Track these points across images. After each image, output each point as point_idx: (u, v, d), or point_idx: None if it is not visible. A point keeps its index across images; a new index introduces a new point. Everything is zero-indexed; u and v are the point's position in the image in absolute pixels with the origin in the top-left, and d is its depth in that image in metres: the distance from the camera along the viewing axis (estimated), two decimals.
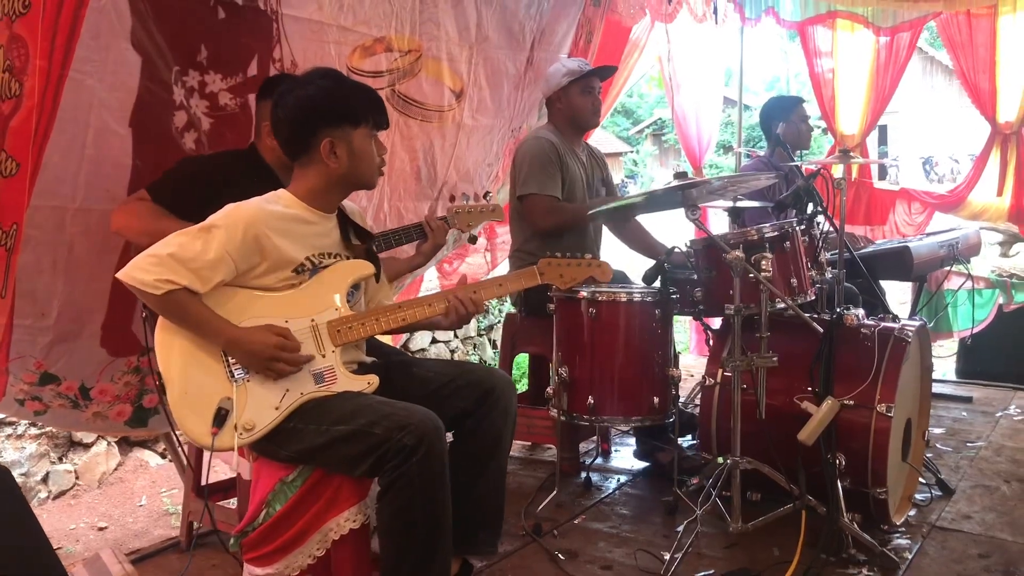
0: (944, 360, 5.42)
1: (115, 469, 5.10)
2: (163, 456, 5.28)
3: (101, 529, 4.39)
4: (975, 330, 5.25)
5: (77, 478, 4.88)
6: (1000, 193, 5.26)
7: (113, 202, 2.68)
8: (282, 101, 2.30)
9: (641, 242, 3.98)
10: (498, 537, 2.53)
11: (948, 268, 4.52)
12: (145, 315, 2.69)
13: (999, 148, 5.24)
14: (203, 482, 3.08)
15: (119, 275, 2.13)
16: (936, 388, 4.05)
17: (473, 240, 3.42)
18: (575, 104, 3.76)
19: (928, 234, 4.98)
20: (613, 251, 4.05)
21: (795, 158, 4.16)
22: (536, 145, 3.69)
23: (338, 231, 2.40)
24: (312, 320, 2.27)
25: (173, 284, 2.10)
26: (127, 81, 2.74)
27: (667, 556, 2.83)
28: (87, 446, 4.96)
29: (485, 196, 3.28)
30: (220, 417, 2.15)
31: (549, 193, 3.61)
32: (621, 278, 3.70)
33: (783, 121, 4.35)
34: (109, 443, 5.09)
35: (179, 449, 3.25)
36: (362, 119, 2.28)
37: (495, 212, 3.28)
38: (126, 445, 5.25)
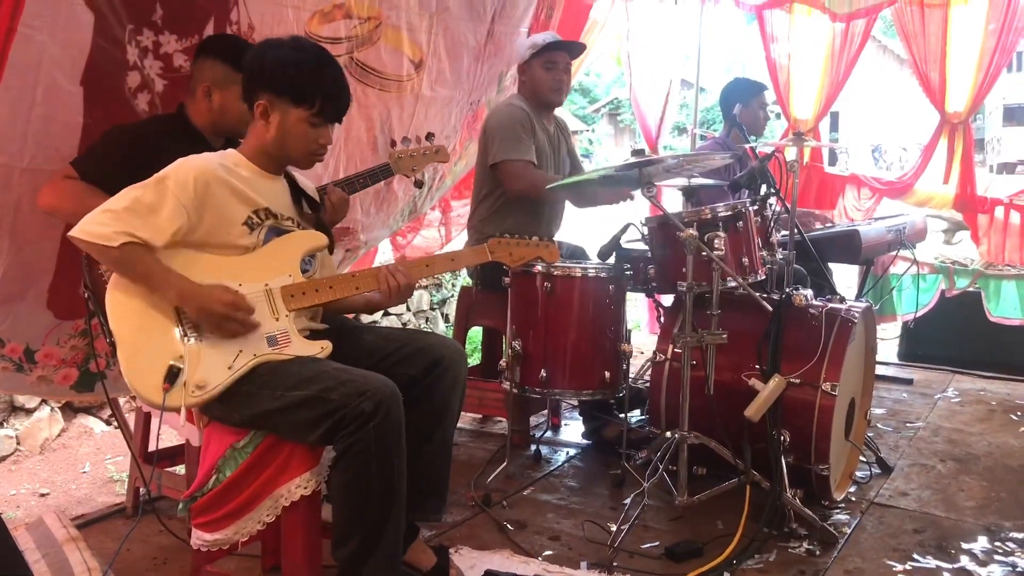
0: (887, 342, 5.55)
1: (58, 435, 5.01)
2: (108, 423, 5.20)
3: (43, 495, 4.32)
4: (918, 314, 5.37)
5: (19, 443, 4.78)
6: (946, 182, 5.38)
7: (63, 161, 2.62)
8: (251, 53, 2.30)
9: (595, 197, 3.92)
10: (444, 504, 2.54)
11: (894, 253, 4.62)
12: (87, 294, 2.63)
13: (947, 138, 5.35)
14: (150, 448, 3.06)
15: (72, 232, 2.10)
16: (879, 370, 4.14)
17: (419, 185, 3.38)
18: (536, 78, 3.74)
19: (876, 219, 5.07)
20: (572, 226, 4.07)
21: (749, 140, 4.21)
22: (509, 112, 3.69)
23: (288, 195, 2.40)
24: (266, 285, 2.26)
25: (131, 237, 2.08)
26: (79, 38, 2.67)
27: (614, 527, 2.87)
28: (29, 411, 4.86)
29: (427, 138, 3.24)
30: (172, 375, 2.13)
31: (524, 157, 3.61)
32: (579, 254, 3.72)
33: (742, 104, 4.40)
34: (52, 408, 4.99)
35: (125, 415, 3.21)
36: (305, 101, 2.24)
37: (439, 154, 3.24)
38: (70, 411, 5.15)
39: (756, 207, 3.18)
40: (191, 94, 2.73)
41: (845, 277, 5.18)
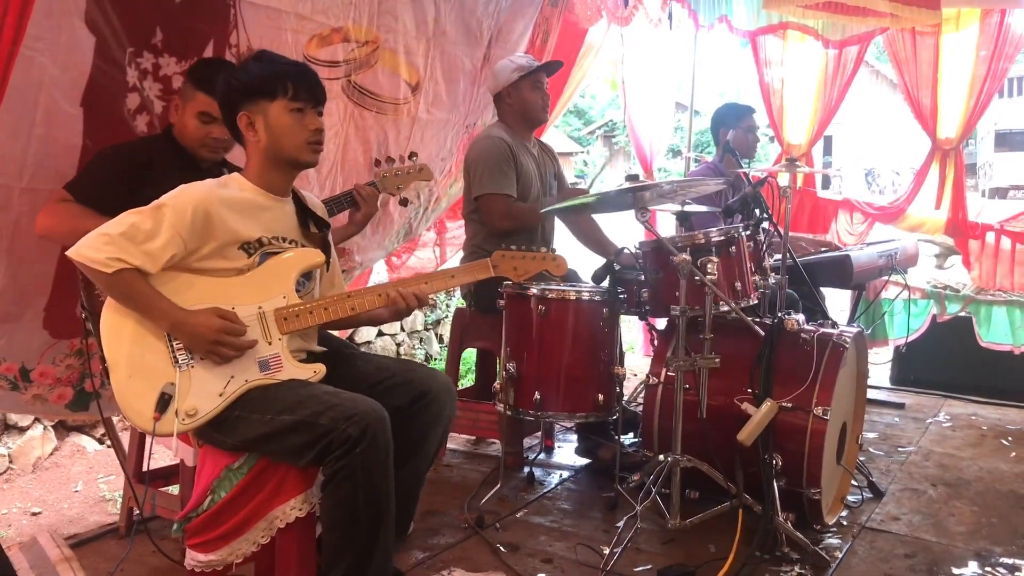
0: (879, 367, 5.57)
1: (51, 454, 5.00)
2: (101, 441, 5.19)
3: (35, 514, 4.30)
4: (910, 339, 5.39)
5: (11, 462, 4.77)
6: (938, 207, 5.41)
7: (62, 182, 2.64)
8: (218, 85, 2.36)
9: (593, 238, 4.03)
10: (403, 535, 2.64)
11: (886, 278, 4.64)
12: (84, 315, 2.64)
13: (938, 163, 5.40)
14: (144, 467, 3.06)
15: (69, 252, 2.12)
16: (871, 394, 4.16)
17: (404, 203, 3.44)
18: (526, 99, 3.79)
19: (868, 244, 5.10)
20: (564, 248, 4.09)
21: (742, 165, 4.25)
22: (489, 144, 3.71)
23: (295, 217, 2.41)
24: (259, 307, 2.28)
25: (124, 263, 2.10)
26: (80, 61, 2.70)
27: (606, 550, 2.87)
28: (22, 429, 4.85)
29: (410, 157, 3.29)
30: (163, 402, 2.14)
31: (505, 192, 3.64)
32: (572, 276, 3.74)
33: (732, 128, 4.44)
34: (46, 427, 4.98)
35: (119, 434, 3.21)
36: (279, 92, 2.28)
37: (422, 172, 3.30)
38: (63, 429, 5.15)
39: (749, 232, 3.21)
40: (178, 112, 2.79)
41: (837, 302, 5.20)
